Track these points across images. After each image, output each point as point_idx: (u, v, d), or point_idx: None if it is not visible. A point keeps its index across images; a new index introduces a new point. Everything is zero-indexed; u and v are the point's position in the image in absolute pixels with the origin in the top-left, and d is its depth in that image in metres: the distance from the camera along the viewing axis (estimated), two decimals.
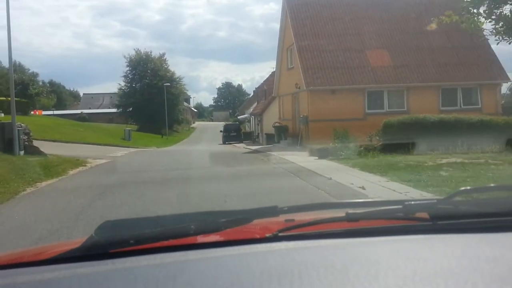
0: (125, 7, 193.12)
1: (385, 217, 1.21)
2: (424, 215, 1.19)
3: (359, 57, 20.81)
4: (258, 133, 34.84)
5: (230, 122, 43.44)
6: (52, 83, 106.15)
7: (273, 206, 1.18)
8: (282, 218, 1.21)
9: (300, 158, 14.37)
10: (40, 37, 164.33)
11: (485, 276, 0.81)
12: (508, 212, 1.17)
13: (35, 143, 15.95)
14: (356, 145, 14.15)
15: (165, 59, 57.52)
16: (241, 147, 29.51)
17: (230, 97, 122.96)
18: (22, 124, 15.44)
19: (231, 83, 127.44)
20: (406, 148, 12.93)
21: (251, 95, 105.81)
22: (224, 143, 37.01)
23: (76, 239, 1.35)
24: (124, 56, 61.12)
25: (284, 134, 23.53)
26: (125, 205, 6.83)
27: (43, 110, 70.11)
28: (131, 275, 0.89)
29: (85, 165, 13.20)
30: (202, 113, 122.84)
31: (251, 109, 45.25)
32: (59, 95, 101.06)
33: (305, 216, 1.27)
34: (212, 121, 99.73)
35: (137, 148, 27.70)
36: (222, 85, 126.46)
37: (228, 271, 0.88)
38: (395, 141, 13.77)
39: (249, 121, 48.54)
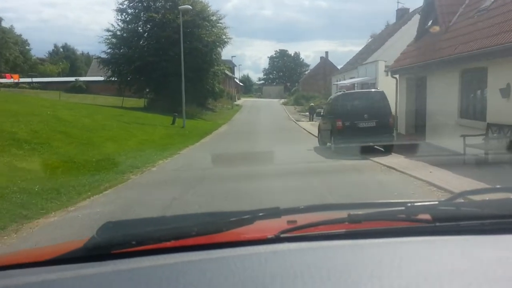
0: None
1: (387, 219, 1.19)
2: (427, 216, 1.17)
3: None
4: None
5: (358, 90, 17.81)
6: (66, 48, 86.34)
7: (275, 207, 1.13)
8: (284, 219, 1.19)
9: None
10: (89, 14, 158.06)
11: (488, 278, 0.80)
12: (511, 214, 1.15)
13: None
14: None
15: None
16: None
17: (284, 68, 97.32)
18: None
19: (287, 51, 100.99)
20: None
21: (311, 66, 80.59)
22: (364, 153, 12.74)
23: (78, 240, 1.20)
24: None
25: None
26: None
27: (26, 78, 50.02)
28: (133, 276, 0.88)
29: None
30: (249, 87, 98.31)
31: (395, 61, 19.86)
32: (73, 62, 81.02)
33: (307, 217, 1.23)
34: (261, 97, 75.78)
35: None
36: (275, 54, 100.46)
37: (230, 273, 0.86)
38: None
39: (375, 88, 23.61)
